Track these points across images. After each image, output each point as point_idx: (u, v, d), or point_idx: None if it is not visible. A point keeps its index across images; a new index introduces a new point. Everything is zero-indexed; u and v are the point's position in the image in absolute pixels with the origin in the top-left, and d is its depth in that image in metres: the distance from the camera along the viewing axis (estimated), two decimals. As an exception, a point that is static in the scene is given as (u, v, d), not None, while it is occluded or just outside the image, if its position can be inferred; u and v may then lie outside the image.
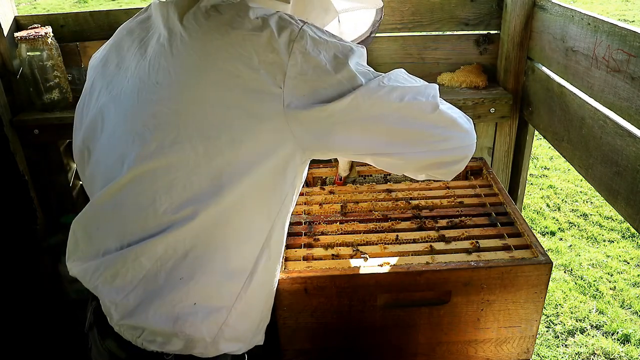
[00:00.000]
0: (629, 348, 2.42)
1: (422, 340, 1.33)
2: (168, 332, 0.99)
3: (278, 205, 1.02)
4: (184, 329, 0.99)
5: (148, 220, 0.98)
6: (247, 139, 0.93)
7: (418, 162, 1.06)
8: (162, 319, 0.99)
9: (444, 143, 1.03)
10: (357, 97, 0.93)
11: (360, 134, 0.97)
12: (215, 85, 0.93)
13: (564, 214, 3.50)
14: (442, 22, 1.89)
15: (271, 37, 0.92)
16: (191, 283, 0.98)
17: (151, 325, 0.99)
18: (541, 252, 1.27)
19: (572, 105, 1.48)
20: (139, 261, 0.98)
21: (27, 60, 1.77)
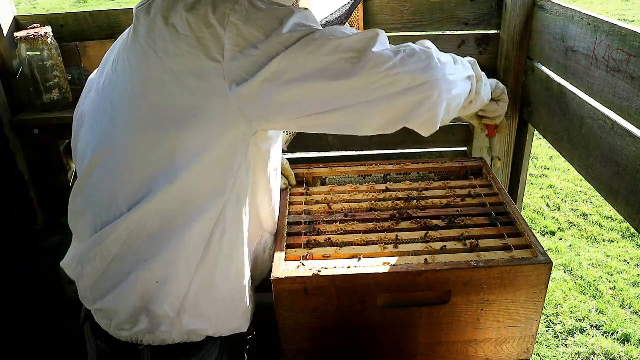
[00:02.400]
0: (629, 348, 2.42)
1: (422, 340, 1.33)
2: (134, 311, 1.05)
3: (230, 180, 1.03)
4: (148, 306, 1.05)
5: (111, 205, 1.03)
6: (193, 116, 0.96)
7: (371, 115, 1.01)
8: (129, 300, 1.05)
9: (392, 86, 0.97)
10: (288, 56, 0.92)
11: (299, 95, 0.96)
12: (161, 67, 0.96)
13: (564, 214, 3.50)
14: (442, 22, 1.89)
15: (208, 13, 0.94)
16: (153, 263, 1.03)
17: (118, 306, 1.06)
18: (541, 252, 1.27)
19: (572, 105, 1.48)
20: (104, 245, 1.04)
21: (27, 60, 1.77)
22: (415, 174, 1.73)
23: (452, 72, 1.06)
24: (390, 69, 0.95)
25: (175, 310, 1.07)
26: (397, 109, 1.00)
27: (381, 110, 1.00)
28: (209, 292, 1.11)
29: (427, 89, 0.99)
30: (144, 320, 1.07)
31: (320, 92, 0.95)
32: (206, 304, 1.11)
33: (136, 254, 1.04)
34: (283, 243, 1.35)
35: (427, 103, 1.00)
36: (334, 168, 1.72)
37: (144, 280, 1.05)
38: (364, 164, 1.73)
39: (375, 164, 1.73)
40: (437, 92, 1.00)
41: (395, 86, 0.96)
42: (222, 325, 1.17)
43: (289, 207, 1.52)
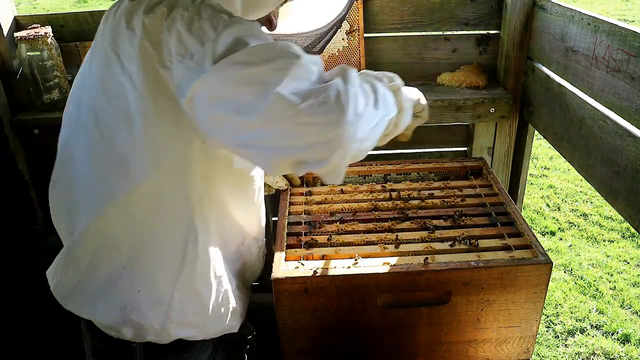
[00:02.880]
0: (629, 348, 2.42)
1: (422, 340, 1.33)
2: (117, 322, 1.05)
3: (190, 187, 1.02)
4: (132, 317, 1.04)
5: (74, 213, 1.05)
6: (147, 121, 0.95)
7: (277, 163, 0.91)
8: (110, 311, 1.05)
9: (294, 138, 0.85)
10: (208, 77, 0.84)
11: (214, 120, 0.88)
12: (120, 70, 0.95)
13: (564, 214, 3.50)
14: (442, 22, 1.89)
15: (162, 17, 0.92)
16: (133, 271, 1.03)
17: (101, 319, 1.06)
18: (541, 252, 1.27)
19: (572, 105, 1.48)
20: (74, 257, 1.05)
21: (27, 60, 1.77)
22: (415, 174, 1.73)
23: (364, 127, 0.91)
24: (292, 118, 0.82)
25: (160, 322, 1.06)
26: (301, 161, 0.89)
27: (284, 159, 0.89)
28: (193, 299, 1.09)
29: (333, 147, 0.86)
30: (129, 332, 1.06)
31: (229, 123, 0.86)
32: (192, 312, 1.10)
33: (110, 264, 1.03)
34: (283, 243, 1.35)
35: (332, 161, 0.88)
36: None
37: (124, 289, 1.04)
38: (364, 164, 1.73)
39: (375, 164, 1.73)
40: (342, 151, 0.87)
41: (298, 139, 0.85)
42: (211, 330, 1.16)
43: (289, 207, 1.52)
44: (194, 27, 0.89)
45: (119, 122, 0.96)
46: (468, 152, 2.12)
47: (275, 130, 0.84)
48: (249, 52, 0.85)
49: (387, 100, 1.00)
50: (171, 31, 0.90)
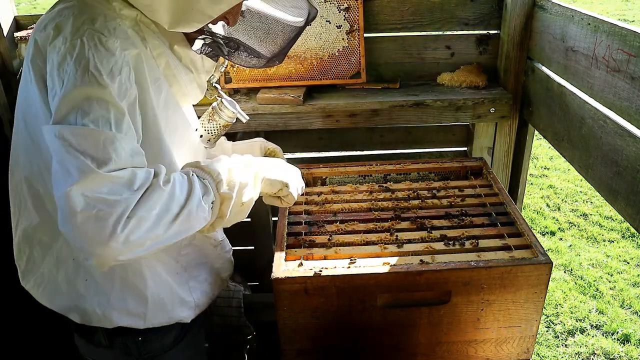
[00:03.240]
0: (629, 348, 2.43)
1: (422, 340, 1.33)
2: (65, 308, 1.15)
3: None
4: (78, 303, 1.14)
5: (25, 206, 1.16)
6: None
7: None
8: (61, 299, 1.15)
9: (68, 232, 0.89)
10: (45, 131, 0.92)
11: None
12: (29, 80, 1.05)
13: (564, 214, 3.50)
14: (442, 22, 1.90)
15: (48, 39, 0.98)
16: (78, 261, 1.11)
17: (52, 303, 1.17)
18: (541, 252, 1.27)
19: (572, 105, 1.48)
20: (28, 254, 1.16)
21: (27, 60, 1.76)
22: (415, 174, 1.73)
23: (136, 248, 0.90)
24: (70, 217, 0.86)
25: (102, 308, 1.13)
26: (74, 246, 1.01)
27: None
28: (131, 289, 1.14)
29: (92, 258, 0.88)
30: (76, 317, 1.15)
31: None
32: (132, 301, 1.14)
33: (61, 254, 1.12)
34: (283, 243, 1.35)
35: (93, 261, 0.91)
36: (334, 168, 1.72)
37: (73, 278, 1.12)
38: (364, 164, 1.73)
39: (375, 164, 1.73)
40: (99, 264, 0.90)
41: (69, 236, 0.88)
42: (154, 319, 1.18)
43: (289, 207, 1.52)
44: (62, 67, 0.93)
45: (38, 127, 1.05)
46: (468, 152, 2.12)
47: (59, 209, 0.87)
48: (77, 135, 0.89)
49: (195, 217, 0.98)
50: (48, 60, 0.96)
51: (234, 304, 1.76)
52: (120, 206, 0.86)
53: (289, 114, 1.81)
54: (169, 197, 0.93)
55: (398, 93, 1.87)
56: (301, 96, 1.80)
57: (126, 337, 1.18)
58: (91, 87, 0.91)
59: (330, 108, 1.81)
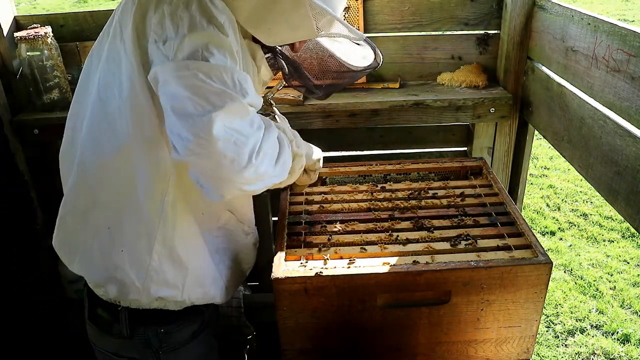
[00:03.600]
0: (629, 348, 2.42)
1: (422, 340, 1.33)
2: (103, 279, 1.13)
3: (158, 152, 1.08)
4: (116, 274, 1.12)
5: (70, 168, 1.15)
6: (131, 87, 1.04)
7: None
8: (96, 269, 1.14)
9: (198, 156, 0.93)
10: (164, 68, 0.94)
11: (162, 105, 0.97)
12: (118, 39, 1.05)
13: (564, 214, 3.50)
14: (442, 22, 1.90)
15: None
16: (117, 231, 1.11)
17: (88, 275, 1.15)
18: (541, 252, 1.27)
19: (572, 105, 1.48)
20: (63, 219, 1.16)
21: (26, 60, 1.77)
22: (415, 174, 1.73)
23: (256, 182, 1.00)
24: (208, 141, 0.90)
25: (142, 280, 1.12)
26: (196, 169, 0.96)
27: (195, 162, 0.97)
28: (172, 259, 1.14)
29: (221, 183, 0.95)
30: (113, 289, 1.13)
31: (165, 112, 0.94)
32: (171, 272, 1.15)
33: (97, 223, 1.12)
34: (283, 243, 1.35)
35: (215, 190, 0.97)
36: (334, 168, 1.72)
37: (110, 249, 1.11)
38: (364, 164, 1.73)
39: (375, 164, 1.73)
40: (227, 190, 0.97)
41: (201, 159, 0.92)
42: (192, 293, 1.19)
43: (289, 207, 1.53)
44: (176, 14, 0.95)
45: (113, 86, 1.05)
46: (468, 152, 2.12)
47: (191, 137, 0.90)
48: (210, 67, 0.92)
49: (285, 166, 1.10)
50: (157, 10, 0.97)
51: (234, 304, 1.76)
52: (252, 139, 0.95)
53: (289, 114, 1.81)
54: (278, 140, 1.05)
55: (398, 93, 1.87)
56: (301, 96, 1.80)
57: (148, 327, 1.18)
58: (213, 33, 0.95)
59: (330, 108, 1.81)
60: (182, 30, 0.94)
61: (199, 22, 0.95)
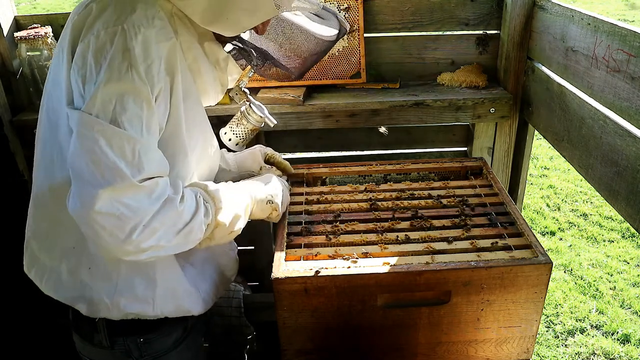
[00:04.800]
0: (629, 348, 2.42)
1: (422, 340, 1.33)
2: (72, 298, 1.13)
3: None
4: (84, 293, 1.12)
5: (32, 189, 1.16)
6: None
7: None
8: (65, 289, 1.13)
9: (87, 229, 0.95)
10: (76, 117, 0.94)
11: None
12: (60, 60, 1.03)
13: (564, 214, 3.50)
14: (442, 22, 1.90)
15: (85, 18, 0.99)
16: (82, 249, 1.09)
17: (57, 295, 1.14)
18: (541, 252, 1.27)
19: (572, 105, 1.48)
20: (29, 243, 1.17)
21: (27, 60, 1.77)
22: (415, 174, 1.73)
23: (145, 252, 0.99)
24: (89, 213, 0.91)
25: (110, 295, 1.11)
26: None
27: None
28: (140, 273, 1.13)
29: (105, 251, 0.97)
30: (82, 307, 1.12)
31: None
32: (140, 286, 1.13)
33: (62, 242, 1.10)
34: (283, 243, 1.35)
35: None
36: (334, 168, 1.72)
37: (76, 267, 1.10)
38: (364, 164, 1.73)
39: (375, 164, 1.73)
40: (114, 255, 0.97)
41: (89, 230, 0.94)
42: (164, 307, 1.17)
43: (289, 207, 1.52)
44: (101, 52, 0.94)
45: (59, 113, 1.03)
46: (468, 152, 2.12)
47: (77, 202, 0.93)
48: (112, 135, 0.92)
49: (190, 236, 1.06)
50: (83, 39, 0.96)
51: (234, 304, 1.76)
52: (140, 215, 0.94)
53: (289, 114, 1.81)
54: (179, 213, 1.01)
55: (398, 93, 1.87)
56: (301, 96, 1.80)
57: (127, 338, 1.17)
58: (131, 82, 0.94)
59: (330, 108, 1.81)
60: (100, 76, 0.93)
61: (118, 67, 0.93)
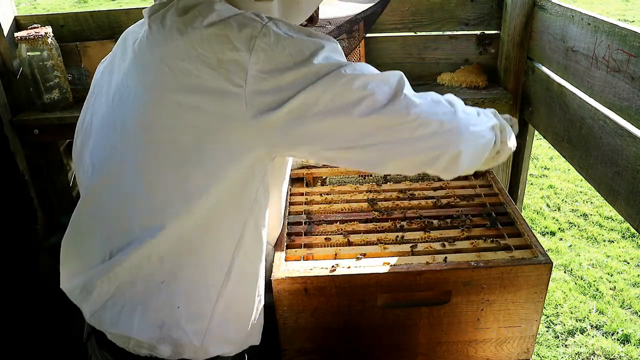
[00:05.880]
0: (629, 348, 2.42)
1: (422, 340, 1.33)
2: (155, 339, 0.99)
3: (249, 204, 0.99)
4: (171, 333, 0.99)
5: (124, 230, 0.97)
6: (211, 141, 0.91)
7: (394, 156, 0.97)
8: (148, 327, 0.99)
9: (419, 129, 0.94)
10: (316, 89, 0.87)
11: (325, 129, 0.91)
12: (175, 87, 0.90)
13: (564, 214, 3.50)
14: (442, 22, 1.90)
15: (231, 34, 0.88)
16: (172, 286, 0.98)
17: (137, 334, 0.99)
18: (541, 252, 1.27)
19: (572, 105, 1.48)
20: (114, 272, 0.98)
21: (27, 60, 1.77)
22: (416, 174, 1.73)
23: (476, 123, 1.04)
24: (419, 113, 0.93)
25: (200, 340, 1.01)
26: (422, 153, 0.98)
27: (406, 152, 0.96)
28: (234, 318, 1.06)
29: (453, 135, 0.97)
30: (166, 349, 1.00)
31: (347, 127, 0.91)
32: (232, 330, 1.07)
33: (148, 279, 0.98)
34: (283, 243, 1.35)
35: (452, 149, 0.98)
36: (334, 168, 1.72)
37: (162, 305, 0.99)
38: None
39: (375, 164, 1.73)
40: (462, 140, 0.98)
41: (424, 129, 0.94)
42: (245, 345, 1.13)
43: (289, 207, 1.52)
44: (280, 46, 0.87)
45: (177, 143, 0.92)
46: (468, 152, 2.11)
47: (401, 125, 0.92)
48: (353, 67, 0.90)
49: (486, 113, 1.11)
50: (250, 49, 0.87)
51: (234, 304, 1.76)
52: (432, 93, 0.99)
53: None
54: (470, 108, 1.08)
55: (398, 93, 1.87)
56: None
57: None
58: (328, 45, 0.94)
59: (330, 108, 1.81)
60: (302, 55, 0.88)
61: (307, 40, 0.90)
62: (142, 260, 0.97)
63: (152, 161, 0.93)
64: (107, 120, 1.01)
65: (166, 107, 0.91)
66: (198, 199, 0.93)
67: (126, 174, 0.96)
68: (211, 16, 0.90)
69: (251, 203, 0.99)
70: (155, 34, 0.94)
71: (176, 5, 0.94)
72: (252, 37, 0.87)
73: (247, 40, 0.87)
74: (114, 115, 1.00)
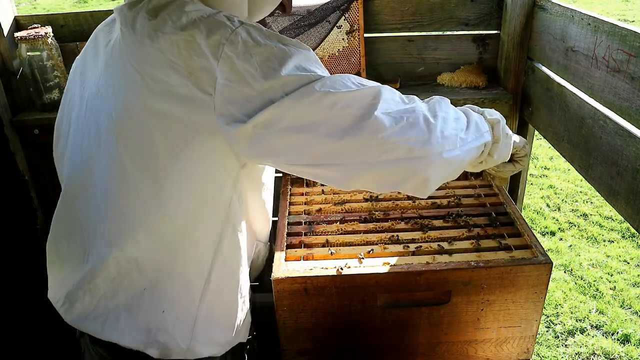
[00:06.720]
0: (629, 348, 2.42)
1: (422, 340, 1.33)
2: (143, 343, 1.00)
3: (224, 211, 1.00)
4: (158, 337, 1.01)
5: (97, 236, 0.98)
6: (182, 148, 0.91)
7: (360, 177, 0.93)
8: (134, 332, 1.00)
9: (385, 154, 0.90)
10: (284, 104, 0.85)
11: (291, 145, 0.89)
12: (147, 93, 0.89)
13: (564, 214, 3.50)
14: (442, 22, 1.90)
15: (200, 40, 0.87)
16: (154, 292, 0.99)
17: (124, 341, 1.00)
18: (541, 252, 1.27)
19: (572, 105, 1.48)
20: (94, 284, 0.99)
21: (27, 60, 1.77)
22: (415, 174, 1.73)
23: (452, 148, 0.96)
24: (387, 137, 0.88)
25: (187, 342, 1.03)
26: (387, 176, 0.94)
27: (371, 174, 0.93)
28: (219, 320, 1.08)
29: (421, 164, 0.93)
30: (154, 352, 1.02)
31: (312, 145, 0.89)
32: (217, 331, 1.08)
33: (131, 286, 0.99)
34: (283, 243, 1.35)
35: (419, 176, 0.94)
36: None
37: (147, 311, 1.00)
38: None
39: (375, 164, 1.73)
40: (431, 168, 0.93)
41: (389, 154, 0.90)
42: (232, 344, 1.14)
43: (289, 207, 1.53)
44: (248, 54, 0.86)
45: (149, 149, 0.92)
46: (468, 152, 2.11)
47: (367, 148, 0.89)
48: (324, 82, 0.87)
49: (479, 127, 1.04)
50: (218, 56, 0.86)
51: (234, 304, 1.76)
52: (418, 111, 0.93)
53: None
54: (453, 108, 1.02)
55: (398, 93, 1.87)
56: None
57: None
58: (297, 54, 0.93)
59: (330, 108, 1.81)
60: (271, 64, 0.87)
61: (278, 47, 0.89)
62: (120, 267, 0.97)
63: (125, 167, 0.93)
64: (82, 124, 1.02)
65: (137, 114, 0.91)
66: (171, 205, 0.93)
67: (100, 179, 0.96)
68: (181, 19, 0.89)
69: (226, 209, 1.00)
70: (126, 38, 0.93)
71: (146, 6, 0.93)
72: (220, 44, 0.86)
73: (215, 47, 0.86)
74: (88, 120, 1.00)
